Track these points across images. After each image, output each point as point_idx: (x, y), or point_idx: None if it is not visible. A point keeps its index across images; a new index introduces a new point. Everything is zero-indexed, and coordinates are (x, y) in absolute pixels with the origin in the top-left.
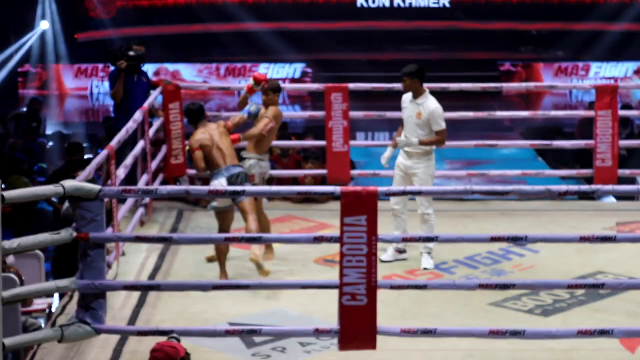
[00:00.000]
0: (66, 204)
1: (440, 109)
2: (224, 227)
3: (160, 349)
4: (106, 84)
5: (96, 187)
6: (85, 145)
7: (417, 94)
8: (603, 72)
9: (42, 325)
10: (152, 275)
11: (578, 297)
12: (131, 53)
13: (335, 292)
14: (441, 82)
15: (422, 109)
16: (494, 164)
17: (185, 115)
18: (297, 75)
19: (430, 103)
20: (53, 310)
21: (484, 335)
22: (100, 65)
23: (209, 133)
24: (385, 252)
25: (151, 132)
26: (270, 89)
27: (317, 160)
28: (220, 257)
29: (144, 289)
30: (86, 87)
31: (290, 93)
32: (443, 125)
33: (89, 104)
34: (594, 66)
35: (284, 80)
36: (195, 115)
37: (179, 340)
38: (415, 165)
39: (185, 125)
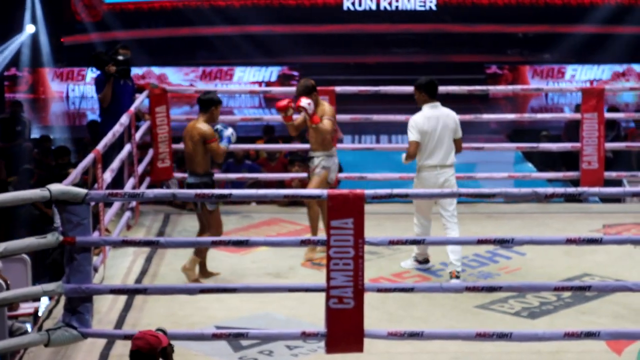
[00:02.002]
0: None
1: (414, 120)
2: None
3: (142, 337)
4: (82, 87)
5: (83, 191)
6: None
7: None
8: (579, 75)
9: (29, 329)
10: (139, 279)
11: (565, 300)
12: (120, 57)
13: (322, 295)
14: None
15: None
16: (481, 167)
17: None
18: (273, 78)
19: (414, 115)
20: (40, 314)
21: (471, 337)
22: (76, 69)
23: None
24: (406, 260)
25: (138, 135)
26: (302, 93)
27: (303, 163)
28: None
29: (131, 292)
30: (69, 90)
31: (271, 96)
32: (411, 137)
33: (69, 107)
34: (570, 69)
35: (260, 83)
36: (205, 105)
37: (165, 333)
38: None
39: (172, 128)
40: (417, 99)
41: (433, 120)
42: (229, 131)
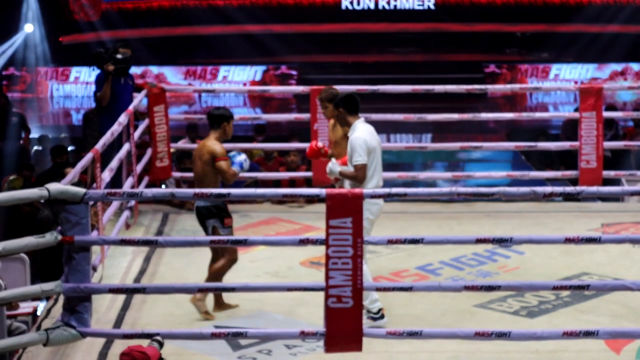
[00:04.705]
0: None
1: (360, 139)
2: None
3: (129, 353)
4: (67, 86)
5: (81, 190)
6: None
7: (345, 126)
8: (563, 74)
9: (28, 329)
10: (137, 278)
11: (563, 299)
12: (119, 56)
13: (321, 295)
14: (426, 84)
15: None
16: (480, 166)
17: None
18: (257, 77)
19: (355, 132)
20: (39, 313)
21: (470, 337)
22: (60, 69)
23: (197, 148)
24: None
25: (136, 135)
26: (327, 100)
27: (298, 152)
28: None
29: (130, 292)
30: (53, 89)
31: (270, 95)
32: (360, 160)
33: (54, 106)
34: (554, 68)
35: (244, 83)
36: (216, 121)
37: (161, 345)
38: None
39: (170, 128)
40: (336, 116)
41: (375, 135)
42: (242, 157)
